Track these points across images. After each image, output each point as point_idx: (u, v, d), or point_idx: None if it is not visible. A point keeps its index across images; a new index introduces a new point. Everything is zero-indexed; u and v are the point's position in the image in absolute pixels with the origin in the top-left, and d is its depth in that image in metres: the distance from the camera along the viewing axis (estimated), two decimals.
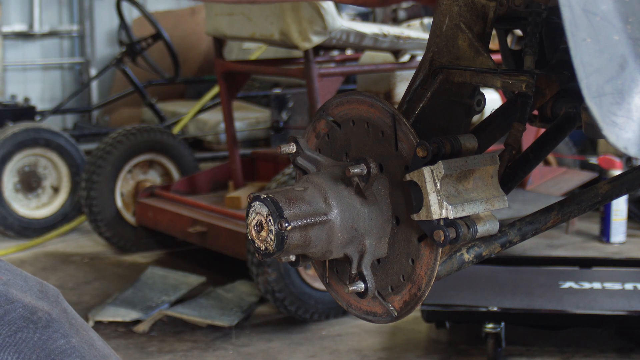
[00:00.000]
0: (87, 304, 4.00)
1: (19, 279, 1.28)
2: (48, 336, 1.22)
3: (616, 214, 4.88)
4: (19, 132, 5.18)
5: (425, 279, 1.01)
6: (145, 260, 4.72)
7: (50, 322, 1.24)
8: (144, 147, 4.90)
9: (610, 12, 0.81)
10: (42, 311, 1.25)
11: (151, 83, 6.60)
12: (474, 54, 1.08)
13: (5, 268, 1.28)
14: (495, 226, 1.00)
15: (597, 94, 0.80)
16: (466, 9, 1.09)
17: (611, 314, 3.32)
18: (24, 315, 1.22)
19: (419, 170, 0.98)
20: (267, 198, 1.01)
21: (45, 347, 1.22)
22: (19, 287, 1.27)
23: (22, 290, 1.27)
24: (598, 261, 4.01)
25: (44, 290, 1.31)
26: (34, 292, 1.28)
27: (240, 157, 4.72)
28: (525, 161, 1.18)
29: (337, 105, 1.10)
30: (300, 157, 1.09)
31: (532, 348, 3.42)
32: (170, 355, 3.48)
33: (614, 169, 4.88)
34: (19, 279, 1.28)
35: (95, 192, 4.74)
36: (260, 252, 1.02)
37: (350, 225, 1.03)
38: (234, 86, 4.62)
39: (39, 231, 5.20)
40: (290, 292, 3.64)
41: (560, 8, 0.80)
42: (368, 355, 3.43)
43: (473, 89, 1.11)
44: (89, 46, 8.18)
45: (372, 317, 1.08)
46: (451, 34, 1.10)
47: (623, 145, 0.81)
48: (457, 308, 3.34)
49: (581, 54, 0.80)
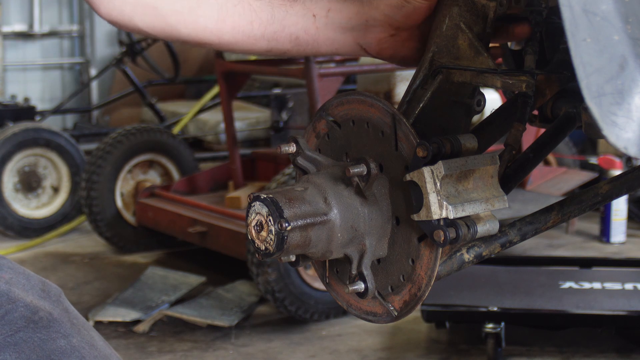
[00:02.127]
0: (87, 304, 4.00)
1: (22, 277, 1.28)
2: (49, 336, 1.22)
3: (616, 214, 4.88)
4: (19, 132, 5.18)
5: (425, 279, 1.01)
6: (145, 260, 4.72)
7: (51, 322, 1.24)
8: (144, 147, 4.90)
9: (610, 12, 0.81)
10: (44, 311, 1.25)
11: (151, 83, 6.61)
12: (474, 54, 1.08)
13: (7, 266, 1.28)
14: (495, 226, 1.00)
15: (597, 94, 0.80)
16: (466, 9, 1.10)
17: (611, 314, 3.32)
18: (25, 315, 1.22)
19: (419, 170, 0.97)
20: (267, 198, 1.01)
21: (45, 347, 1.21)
22: (21, 286, 1.27)
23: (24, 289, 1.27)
24: (598, 261, 4.02)
25: (46, 289, 1.30)
26: (36, 291, 1.28)
27: (240, 157, 4.72)
28: (525, 161, 1.17)
29: (337, 105, 1.10)
30: (300, 157, 1.08)
31: (532, 348, 3.42)
32: (170, 355, 3.48)
33: (614, 169, 4.88)
34: (22, 277, 1.28)
35: (95, 192, 4.74)
36: (260, 252, 1.02)
37: (351, 225, 1.03)
38: (234, 86, 4.62)
39: (39, 231, 5.20)
40: (290, 292, 3.64)
41: (560, 8, 0.80)
42: (368, 355, 3.43)
43: (473, 89, 1.11)
44: (89, 46, 8.19)
45: (372, 317, 1.08)
46: (451, 34, 1.10)
47: (623, 145, 0.81)
48: (457, 308, 3.34)
49: (581, 54, 0.80)
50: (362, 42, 1.20)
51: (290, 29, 1.21)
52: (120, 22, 1.28)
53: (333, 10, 1.20)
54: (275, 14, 1.21)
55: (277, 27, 1.21)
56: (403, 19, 1.15)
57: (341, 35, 1.21)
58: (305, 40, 1.21)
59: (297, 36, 1.21)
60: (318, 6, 1.20)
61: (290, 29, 1.21)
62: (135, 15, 1.26)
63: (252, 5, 1.21)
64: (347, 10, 1.19)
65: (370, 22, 1.18)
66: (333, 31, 1.21)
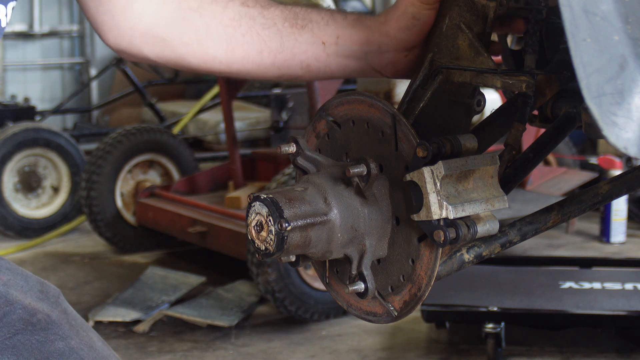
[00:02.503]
0: (87, 304, 4.00)
1: (20, 278, 1.28)
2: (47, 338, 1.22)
3: (616, 214, 4.88)
4: (19, 132, 5.18)
5: (425, 279, 1.01)
6: (145, 260, 4.72)
7: (49, 324, 1.24)
8: (144, 147, 4.90)
9: (610, 12, 0.81)
10: (42, 313, 1.24)
11: (151, 83, 6.61)
12: (474, 54, 1.08)
13: (6, 267, 1.28)
14: (495, 226, 1.00)
15: (597, 94, 0.80)
16: (466, 9, 1.09)
17: (611, 314, 3.32)
18: (23, 318, 1.22)
19: (419, 170, 0.97)
20: (267, 198, 1.01)
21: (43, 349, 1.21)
22: (19, 288, 1.26)
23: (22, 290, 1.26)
24: (598, 261, 4.02)
25: (45, 291, 1.30)
26: (34, 293, 1.28)
27: (240, 157, 4.72)
28: (525, 161, 1.17)
29: (337, 105, 1.10)
30: (300, 157, 1.08)
31: (532, 348, 3.42)
32: (170, 355, 3.48)
33: (614, 169, 4.88)
34: (20, 278, 1.28)
35: (95, 192, 4.74)
36: (260, 252, 1.02)
37: (351, 225, 1.03)
38: (234, 86, 4.62)
39: (39, 231, 5.20)
40: (290, 292, 3.64)
41: (560, 8, 0.80)
42: (368, 355, 3.43)
43: (473, 89, 1.11)
44: (89, 46, 8.19)
45: (372, 317, 1.08)
46: (451, 34, 1.10)
47: (623, 146, 0.81)
48: (457, 308, 3.34)
49: (581, 54, 0.80)
50: (376, 67, 1.19)
51: (301, 56, 1.20)
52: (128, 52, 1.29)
53: (342, 37, 1.18)
54: (285, 43, 1.20)
55: (287, 56, 1.20)
56: (415, 37, 1.13)
57: (353, 61, 1.20)
58: (316, 67, 1.21)
59: (308, 64, 1.21)
60: (326, 33, 1.19)
61: (300, 56, 1.20)
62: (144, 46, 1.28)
63: (261, 34, 1.21)
64: (356, 37, 1.18)
65: (382, 47, 1.17)
66: (344, 58, 1.20)
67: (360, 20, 1.18)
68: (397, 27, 1.14)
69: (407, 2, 1.12)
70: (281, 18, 1.21)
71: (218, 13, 1.23)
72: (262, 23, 1.21)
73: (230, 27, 1.22)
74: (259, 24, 1.21)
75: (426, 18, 1.11)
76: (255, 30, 1.21)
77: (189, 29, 1.24)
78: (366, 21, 1.18)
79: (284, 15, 1.21)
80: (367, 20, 1.18)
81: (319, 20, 1.19)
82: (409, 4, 1.12)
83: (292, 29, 1.20)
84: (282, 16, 1.21)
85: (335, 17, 1.19)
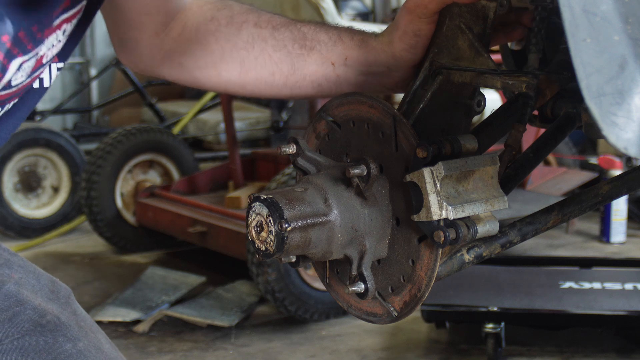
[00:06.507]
0: (87, 304, 4.00)
1: (32, 277, 1.29)
2: (55, 340, 1.23)
3: (616, 214, 4.88)
4: (19, 132, 5.18)
5: (425, 279, 1.01)
6: (145, 260, 4.72)
7: (58, 326, 1.24)
8: (144, 147, 4.90)
9: (610, 12, 0.81)
10: (51, 314, 1.25)
11: (151, 83, 6.60)
12: (474, 55, 1.08)
13: (18, 264, 1.28)
14: (495, 227, 1.00)
15: (597, 94, 0.80)
16: (466, 9, 1.09)
17: (611, 314, 3.32)
18: (32, 319, 1.23)
19: (419, 171, 0.97)
20: (267, 199, 1.01)
21: (51, 351, 1.22)
22: (31, 287, 1.27)
23: (33, 290, 1.27)
24: (598, 261, 4.02)
25: (55, 290, 1.31)
26: (44, 293, 1.28)
27: (240, 157, 4.72)
28: (525, 161, 1.17)
29: (337, 105, 1.10)
30: (300, 158, 1.08)
31: (532, 348, 3.42)
32: (170, 355, 3.48)
33: (614, 169, 4.88)
34: (32, 277, 1.29)
35: (95, 192, 4.74)
36: (260, 252, 1.02)
37: (351, 226, 1.03)
38: None
39: (39, 231, 5.20)
40: (290, 292, 3.64)
41: (560, 8, 0.80)
42: (368, 355, 3.43)
43: (473, 89, 1.11)
44: (89, 46, 8.18)
45: (372, 318, 1.08)
46: (451, 35, 1.10)
47: (623, 146, 0.81)
48: (457, 308, 3.34)
49: (581, 54, 0.80)
50: (387, 85, 1.21)
51: (311, 77, 1.23)
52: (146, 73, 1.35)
53: (350, 58, 1.20)
54: (295, 64, 1.23)
55: (299, 77, 1.23)
56: (421, 53, 1.14)
57: (363, 79, 1.21)
58: (327, 86, 1.23)
59: (319, 83, 1.23)
60: (335, 54, 1.21)
61: (311, 77, 1.23)
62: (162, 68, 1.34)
63: (273, 57, 1.24)
64: (364, 58, 1.19)
65: (391, 67, 1.18)
66: (354, 77, 1.21)
67: (366, 42, 1.20)
68: (401, 48, 1.14)
69: (407, 20, 1.12)
70: (291, 39, 1.23)
71: (232, 36, 1.27)
72: (273, 45, 1.24)
73: (244, 50, 1.26)
74: (271, 46, 1.24)
75: (428, 32, 1.12)
76: (267, 53, 1.24)
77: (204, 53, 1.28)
78: (371, 42, 1.19)
79: (294, 37, 1.23)
80: (373, 42, 1.19)
81: (327, 41, 1.22)
82: (408, 22, 1.12)
83: (301, 50, 1.23)
84: (291, 37, 1.24)
85: (342, 37, 1.21)
